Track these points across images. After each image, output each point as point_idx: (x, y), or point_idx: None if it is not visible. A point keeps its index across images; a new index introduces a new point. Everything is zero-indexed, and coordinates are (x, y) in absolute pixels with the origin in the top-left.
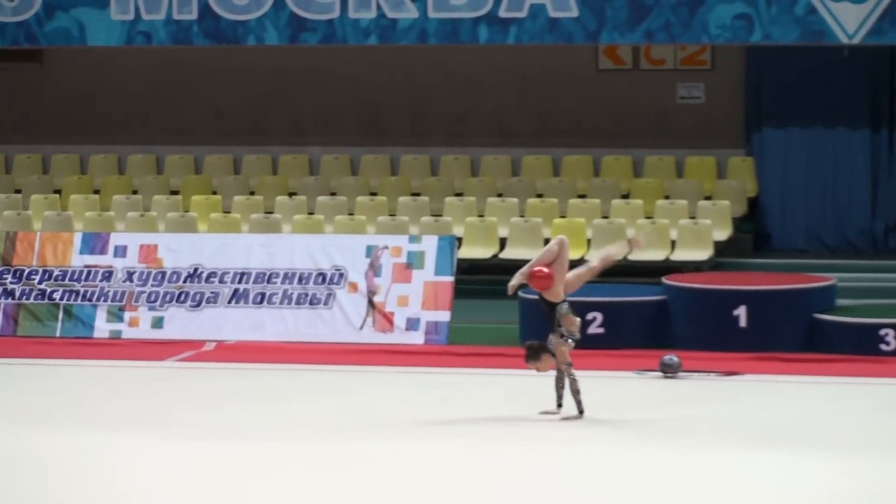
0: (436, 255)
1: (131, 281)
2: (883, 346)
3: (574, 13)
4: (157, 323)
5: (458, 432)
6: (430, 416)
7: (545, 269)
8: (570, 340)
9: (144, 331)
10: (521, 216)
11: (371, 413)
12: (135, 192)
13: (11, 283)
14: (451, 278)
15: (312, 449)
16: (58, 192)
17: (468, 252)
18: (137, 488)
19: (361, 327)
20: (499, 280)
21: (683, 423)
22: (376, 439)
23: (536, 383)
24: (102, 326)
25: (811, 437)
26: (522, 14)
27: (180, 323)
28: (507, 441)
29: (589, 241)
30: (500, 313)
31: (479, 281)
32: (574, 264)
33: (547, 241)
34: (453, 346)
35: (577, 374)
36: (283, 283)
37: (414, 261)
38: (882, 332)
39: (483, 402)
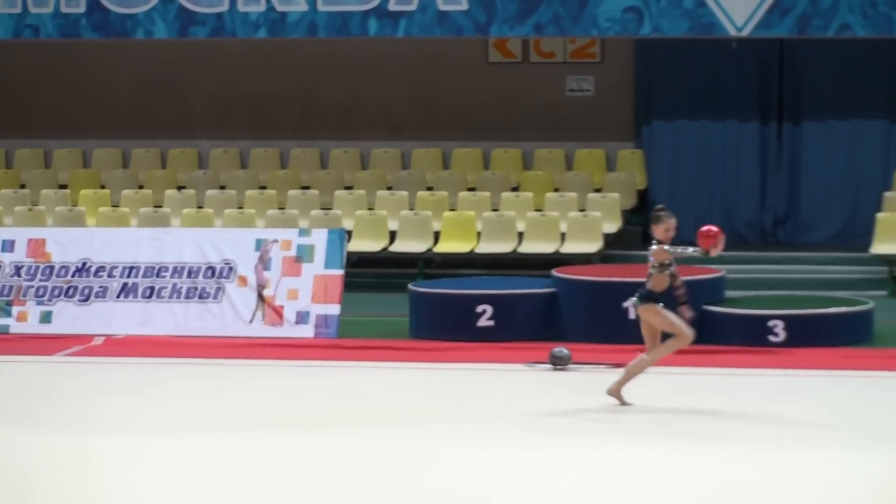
0: (325, 249)
1: (19, 275)
2: (771, 338)
3: (464, 6)
4: (46, 317)
5: (347, 426)
6: (318, 409)
7: (713, 228)
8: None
9: (33, 325)
10: (411, 209)
11: (260, 407)
12: (22, 187)
13: None
14: (340, 272)
15: (200, 443)
16: None
17: (358, 245)
18: (15, 484)
19: (251, 321)
20: (389, 273)
21: (573, 415)
22: (265, 433)
23: (427, 377)
24: None
25: (700, 428)
26: (412, 7)
27: (69, 317)
28: (396, 435)
29: (479, 234)
30: (389, 307)
31: (369, 274)
32: (463, 258)
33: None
34: (343, 339)
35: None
36: (172, 277)
37: (303, 254)
38: (770, 323)
39: (373, 395)
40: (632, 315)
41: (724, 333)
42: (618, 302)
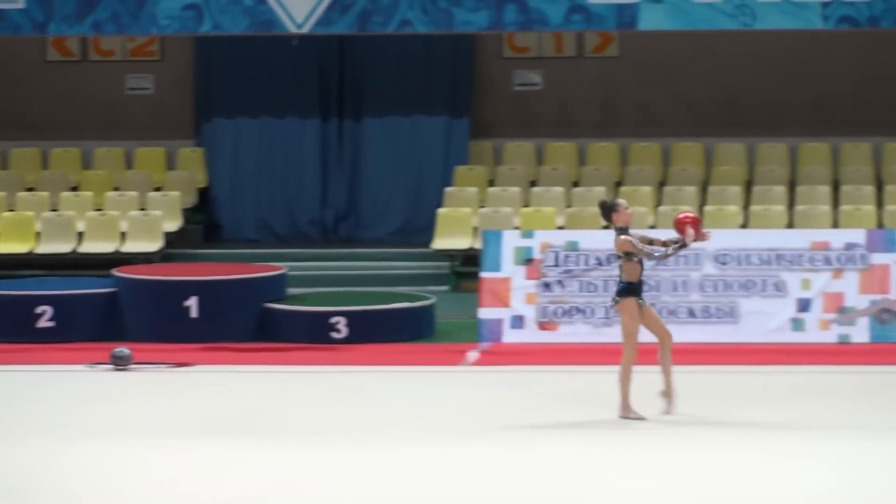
0: None
1: None
2: (334, 334)
3: (20, 4)
4: None
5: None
6: None
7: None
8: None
9: None
10: None
11: None
12: None
13: None
14: None
15: None
16: None
17: None
18: None
19: None
20: None
21: (137, 415)
22: None
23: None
24: None
25: (267, 426)
26: None
27: None
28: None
29: (38, 234)
30: None
31: None
32: (22, 259)
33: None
34: None
35: None
36: None
37: None
38: (333, 319)
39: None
40: (193, 314)
41: (286, 331)
42: (179, 301)
